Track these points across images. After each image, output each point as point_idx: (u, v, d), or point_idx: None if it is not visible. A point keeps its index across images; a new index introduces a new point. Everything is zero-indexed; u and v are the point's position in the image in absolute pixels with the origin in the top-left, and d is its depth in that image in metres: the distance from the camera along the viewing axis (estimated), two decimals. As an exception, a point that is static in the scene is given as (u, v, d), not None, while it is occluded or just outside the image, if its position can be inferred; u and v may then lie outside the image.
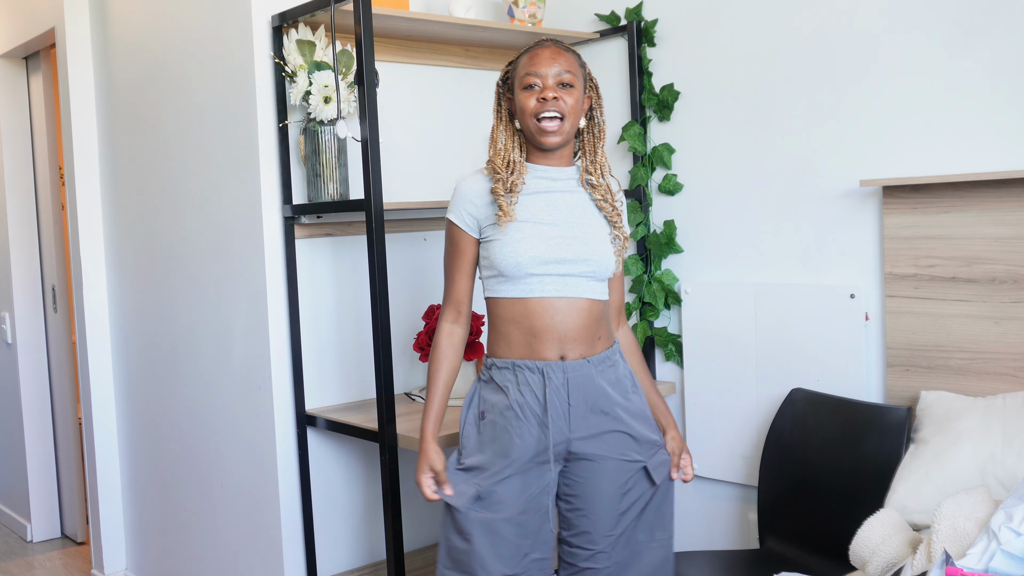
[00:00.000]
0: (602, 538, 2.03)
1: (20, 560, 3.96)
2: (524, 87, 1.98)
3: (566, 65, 1.98)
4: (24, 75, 4.13)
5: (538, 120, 1.97)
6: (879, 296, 2.43)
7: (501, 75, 2.09)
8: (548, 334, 1.98)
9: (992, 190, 2.17)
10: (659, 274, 2.88)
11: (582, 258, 1.99)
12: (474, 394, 2.08)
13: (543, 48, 2.00)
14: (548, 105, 1.96)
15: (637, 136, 2.88)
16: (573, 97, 1.98)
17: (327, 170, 2.55)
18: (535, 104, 1.97)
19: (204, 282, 2.90)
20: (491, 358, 2.06)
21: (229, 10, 2.66)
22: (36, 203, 4.17)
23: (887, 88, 2.37)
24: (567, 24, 3.10)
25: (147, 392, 3.26)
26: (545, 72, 1.96)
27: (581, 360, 2.00)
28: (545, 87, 1.96)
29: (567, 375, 1.98)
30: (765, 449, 2.53)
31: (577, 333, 2.00)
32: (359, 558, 2.83)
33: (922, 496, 2.00)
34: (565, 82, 1.97)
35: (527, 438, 1.98)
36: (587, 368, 2.00)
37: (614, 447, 2.03)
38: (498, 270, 2.00)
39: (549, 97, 1.95)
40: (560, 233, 2.00)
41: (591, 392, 2.00)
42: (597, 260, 2.01)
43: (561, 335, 1.99)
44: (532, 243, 1.98)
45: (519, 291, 1.99)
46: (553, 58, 1.97)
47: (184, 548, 3.14)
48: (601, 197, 2.05)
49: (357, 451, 2.80)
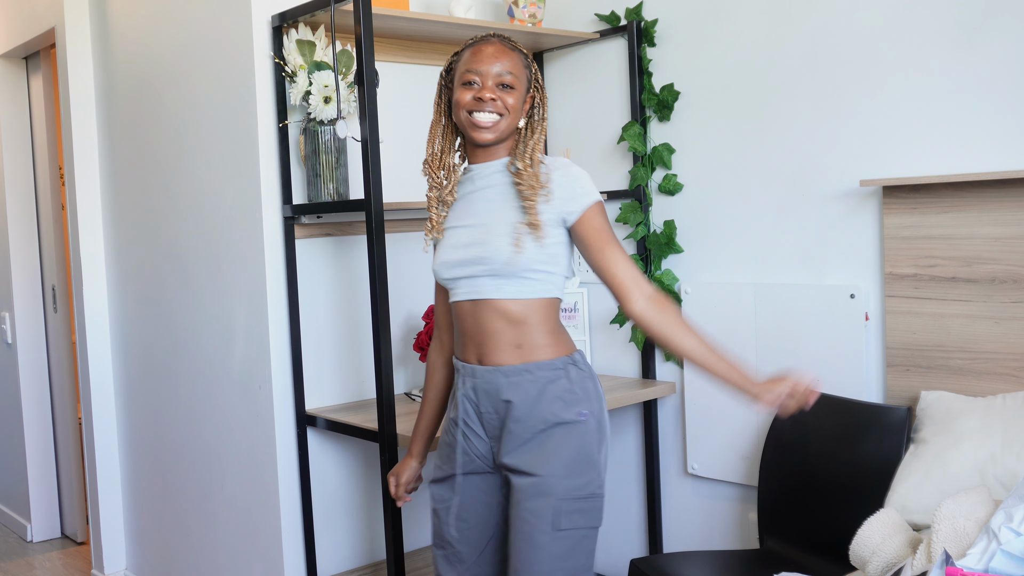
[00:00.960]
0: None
1: (20, 560, 3.96)
2: (463, 83, 1.89)
3: (508, 66, 1.89)
4: (24, 75, 4.13)
5: (470, 114, 1.88)
6: (879, 296, 2.43)
7: (445, 65, 1.99)
8: (466, 337, 1.94)
9: (992, 190, 2.17)
10: (659, 274, 2.88)
11: (479, 258, 1.88)
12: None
13: (487, 45, 1.91)
14: (485, 105, 1.87)
15: (637, 136, 2.88)
16: (513, 97, 1.89)
17: (327, 170, 2.55)
18: (470, 101, 1.88)
19: (204, 282, 2.90)
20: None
21: (229, 10, 2.66)
22: (36, 203, 4.17)
23: (887, 88, 2.37)
24: (567, 24, 3.10)
25: (147, 392, 3.26)
26: (486, 70, 1.88)
27: (491, 368, 1.89)
28: (484, 87, 1.88)
29: (475, 379, 1.92)
30: (765, 449, 2.53)
31: (486, 338, 1.89)
32: (359, 558, 2.83)
33: (922, 496, 2.00)
34: (506, 83, 1.88)
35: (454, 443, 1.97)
36: (495, 377, 1.88)
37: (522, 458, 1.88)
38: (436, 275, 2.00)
39: (486, 97, 1.87)
40: (470, 236, 1.92)
41: (500, 405, 1.89)
42: (493, 256, 1.86)
43: (476, 339, 1.91)
44: (444, 250, 1.96)
45: (451, 296, 1.98)
46: (496, 56, 1.89)
47: (184, 548, 3.14)
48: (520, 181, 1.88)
49: (357, 451, 2.80)
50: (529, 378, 1.87)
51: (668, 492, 2.97)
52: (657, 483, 2.96)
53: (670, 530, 2.98)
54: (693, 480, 2.91)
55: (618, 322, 2.94)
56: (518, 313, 1.88)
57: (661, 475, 2.98)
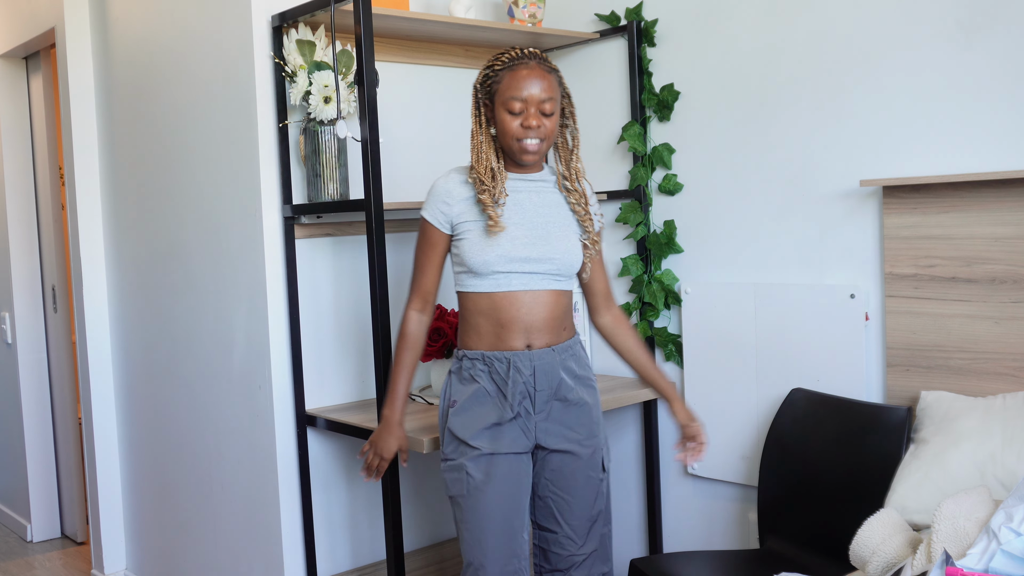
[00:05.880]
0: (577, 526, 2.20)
1: (20, 560, 3.96)
2: (508, 110, 2.07)
3: (549, 91, 2.07)
4: (24, 75, 4.13)
5: (519, 140, 2.08)
6: (879, 296, 2.43)
7: (480, 79, 2.13)
8: (515, 325, 2.11)
9: (992, 190, 2.17)
10: (659, 274, 2.88)
11: (547, 257, 2.12)
12: (447, 387, 2.19)
13: (528, 70, 2.07)
14: (531, 132, 2.07)
15: (637, 136, 2.88)
16: (551, 121, 2.09)
17: (327, 170, 2.55)
18: (518, 129, 2.08)
19: (204, 282, 2.90)
20: (462, 350, 2.19)
21: (229, 10, 2.66)
22: (36, 203, 4.17)
23: (887, 88, 2.37)
24: (567, 24, 3.10)
25: (147, 392, 3.26)
26: (529, 97, 2.06)
27: (546, 348, 2.13)
28: (528, 114, 2.06)
29: (533, 363, 2.11)
30: (765, 449, 2.53)
31: (542, 324, 2.13)
32: (359, 558, 2.83)
33: (922, 496, 2.00)
34: (546, 110, 2.07)
35: (491, 414, 2.11)
36: (552, 356, 2.14)
37: (576, 434, 2.18)
38: (468, 267, 2.12)
39: (533, 125, 2.06)
40: (525, 233, 2.12)
41: (554, 379, 2.13)
42: (560, 259, 2.13)
43: (527, 326, 2.12)
44: (499, 242, 2.09)
45: (487, 286, 2.12)
46: (538, 83, 2.06)
47: (184, 548, 3.14)
48: (575, 201, 2.19)
49: (357, 451, 2.80)
50: (571, 353, 2.18)
51: (668, 492, 2.97)
52: (657, 483, 2.96)
53: (670, 530, 2.98)
54: (693, 480, 2.91)
55: (618, 322, 2.94)
56: (564, 303, 2.18)
57: (661, 475, 2.98)
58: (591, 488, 2.19)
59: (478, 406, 2.12)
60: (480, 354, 2.13)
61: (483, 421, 2.11)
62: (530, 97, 2.05)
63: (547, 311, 2.13)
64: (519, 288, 2.11)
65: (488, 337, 2.13)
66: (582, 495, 2.19)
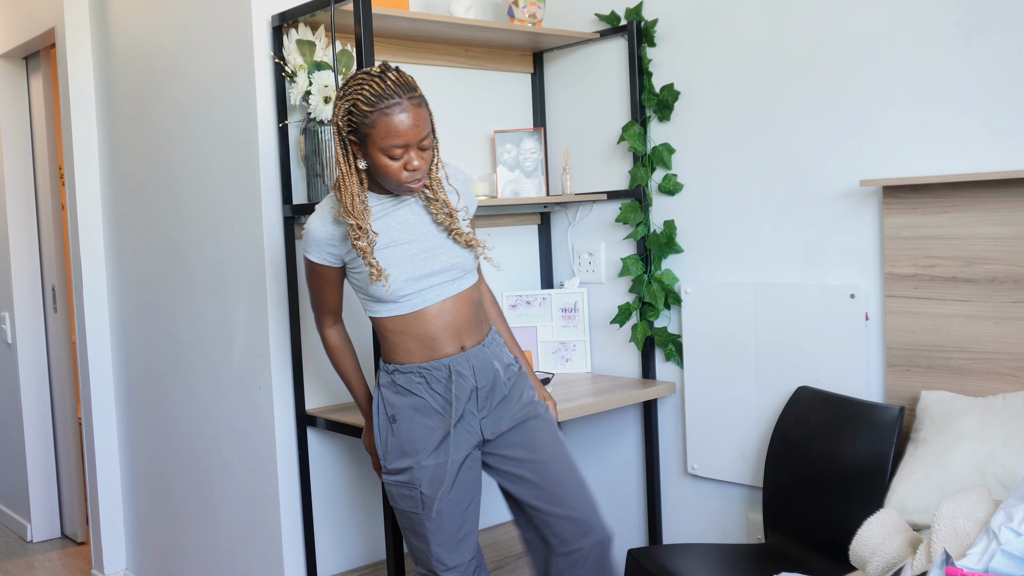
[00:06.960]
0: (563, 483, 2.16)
1: (20, 560, 3.96)
2: (389, 156, 1.96)
3: (425, 126, 1.96)
4: (24, 75, 4.13)
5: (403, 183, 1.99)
6: (879, 296, 2.43)
7: (341, 114, 1.98)
8: (443, 334, 2.09)
9: (992, 190, 2.18)
10: (659, 274, 2.88)
11: (449, 265, 2.09)
12: (379, 401, 2.16)
13: (403, 113, 1.93)
14: (417, 172, 1.98)
15: (637, 136, 2.88)
16: (429, 152, 2.01)
17: (327, 170, 2.55)
18: (403, 173, 1.98)
19: (204, 282, 2.90)
20: (391, 364, 2.13)
21: (229, 10, 2.66)
22: (36, 203, 4.17)
23: (887, 88, 2.37)
24: (567, 24, 3.10)
25: (147, 392, 3.26)
26: (409, 141, 1.95)
27: (478, 346, 2.13)
28: (410, 157, 1.97)
29: (471, 362, 2.11)
30: (770, 447, 2.53)
31: (467, 323, 2.13)
32: (359, 558, 2.83)
33: (922, 496, 2.01)
34: (425, 146, 1.98)
35: (436, 425, 2.09)
36: (484, 351, 2.14)
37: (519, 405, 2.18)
38: (376, 297, 2.08)
39: (418, 167, 1.97)
40: (419, 248, 2.08)
41: (490, 373, 2.14)
42: (462, 262, 2.11)
43: (456, 330, 2.11)
44: (400, 267, 2.05)
45: (402, 309, 2.08)
46: (415, 124, 1.94)
47: (184, 548, 3.14)
48: (436, 211, 2.10)
49: (357, 451, 2.80)
50: (496, 344, 2.19)
51: (668, 492, 2.97)
52: (657, 483, 2.96)
53: (670, 530, 2.98)
54: (693, 480, 2.91)
55: (618, 322, 2.94)
56: (477, 295, 2.17)
57: (661, 475, 2.98)
58: (557, 444, 2.17)
59: (421, 417, 2.09)
60: (415, 367, 2.09)
61: (427, 432, 2.08)
62: (410, 141, 1.95)
63: (468, 310, 2.12)
64: (435, 301, 2.08)
65: (418, 351, 2.09)
66: (552, 451, 2.16)
